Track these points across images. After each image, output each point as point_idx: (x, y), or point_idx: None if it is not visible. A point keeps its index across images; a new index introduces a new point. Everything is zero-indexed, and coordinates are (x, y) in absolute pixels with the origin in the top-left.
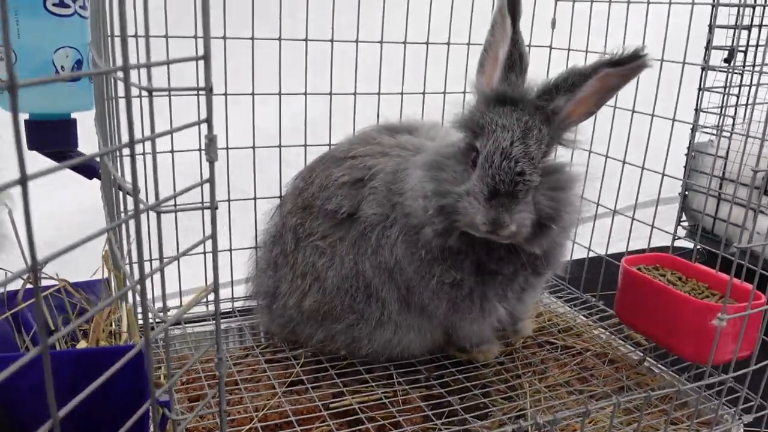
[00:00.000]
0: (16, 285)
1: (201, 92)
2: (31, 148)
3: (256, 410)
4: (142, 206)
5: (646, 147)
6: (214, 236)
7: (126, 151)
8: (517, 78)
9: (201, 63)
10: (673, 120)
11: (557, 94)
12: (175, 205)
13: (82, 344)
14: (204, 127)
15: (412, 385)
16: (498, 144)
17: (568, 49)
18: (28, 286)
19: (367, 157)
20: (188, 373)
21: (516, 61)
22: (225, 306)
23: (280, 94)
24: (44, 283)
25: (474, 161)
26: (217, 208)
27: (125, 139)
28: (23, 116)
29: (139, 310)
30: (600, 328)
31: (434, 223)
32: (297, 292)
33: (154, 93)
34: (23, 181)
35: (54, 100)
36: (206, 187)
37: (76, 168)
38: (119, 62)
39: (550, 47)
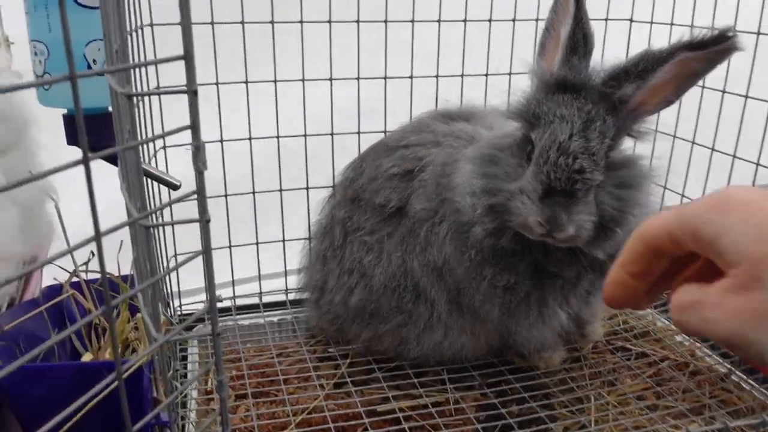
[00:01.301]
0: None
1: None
2: (70, 143)
3: (296, 413)
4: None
5: (738, 132)
6: (207, 251)
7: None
8: (581, 61)
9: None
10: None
11: (626, 81)
12: (171, 219)
13: (86, 357)
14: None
15: (465, 392)
16: (555, 137)
17: (651, 22)
18: (74, 279)
19: (419, 146)
20: (238, 368)
21: (579, 41)
22: (277, 297)
23: (331, 79)
24: (91, 276)
25: (529, 155)
26: (208, 221)
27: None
28: (61, 111)
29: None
30: (683, 335)
31: (484, 223)
32: (343, 289)
33: (135, 97)
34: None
35: (90, 94)
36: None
37: (114, 161)
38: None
39: (630, 20)
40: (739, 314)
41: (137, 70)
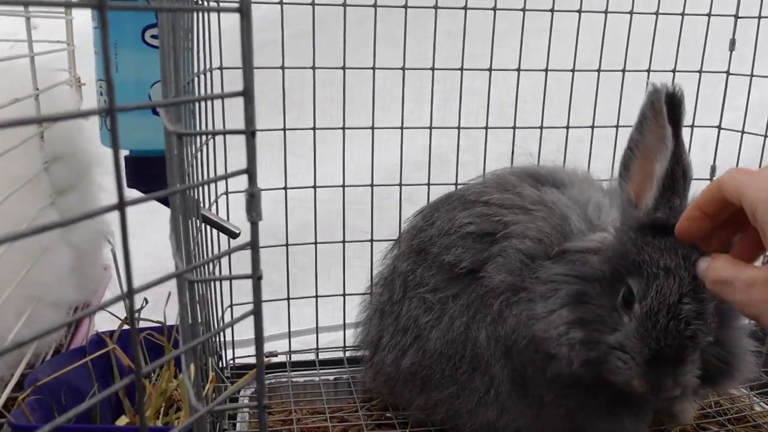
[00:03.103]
0: (113, 325)
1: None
2: (130, 185)
3: None
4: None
5: None
6: (257, 311)
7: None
8: (681, 201)
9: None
10: None
11: None
12: (227, 271)
13: (122, 420)
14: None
15: None
16: (663, 298)
17: (751, 75)
18: (125, 327)
19: (504, 209)
20: (290, 431)
21: (678, 179)
22: (335, 355)
23: (402, 127)
24: (141, 324)
25: (626, 302)
26: (260, 278)
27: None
28: (123, 153)
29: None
30: None
31: (575, 372)
32: (396, 349)
33: (185, 137)
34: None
35: (154, 136)
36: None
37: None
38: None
39: (728, 73)
40: (762, 304)
41: (203, 114)
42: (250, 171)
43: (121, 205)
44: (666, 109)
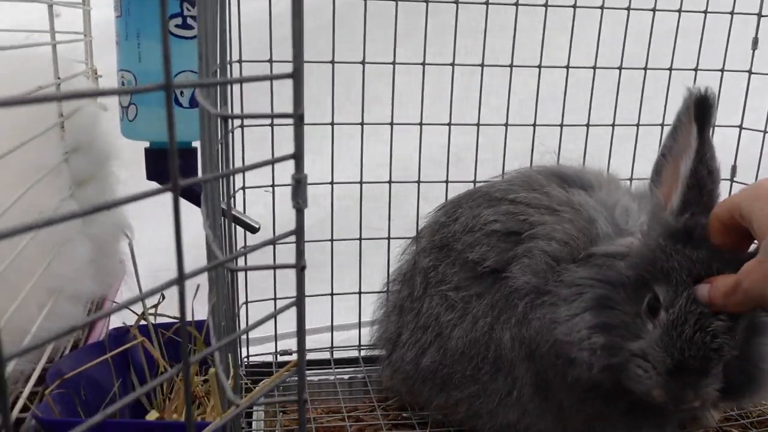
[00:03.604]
0: (130, 320)
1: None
2: (149, 178)
3: None
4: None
5: None
6: (300, 301)
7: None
8: (708, 201)
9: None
10: None
11: None
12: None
13: (152, 415)
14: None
15: None
16: (692, 308)
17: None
18: (142, 322)
19: (531, 208)
20: (318, 430)
21: (703, 179)
22: (350, 353)
23: (421, 124)
24: (159, 320)
25: (651, 310)
26: (304, 267)
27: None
28: (144, 144)
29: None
30: None
31: (596, 376)
32: (416, 346)
33: (234, 120)
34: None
35: (176, 127)
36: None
37: (190, 197)
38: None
39: (750, 72)
40: (764, 279)
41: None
42: (297, 156)
43: (175, 187)
44: (693, 108)
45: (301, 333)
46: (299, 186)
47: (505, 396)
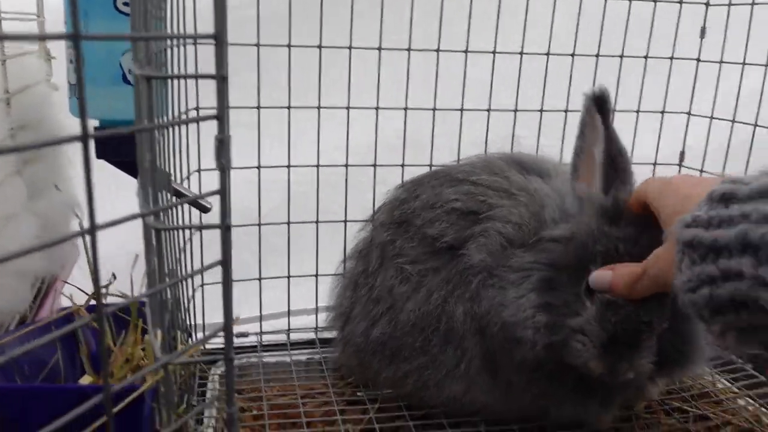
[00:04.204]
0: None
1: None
2: (99, 156)
3: None
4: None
5: None
6: (226, 262)
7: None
8: (625, 180)
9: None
10: None
11: None
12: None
13: (85, 379)
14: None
15: None
16: None
17: (720, 62)
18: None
19: (490, 190)
20: (259, 407)
21: (616, 158)
22: (307, 336)
23: (377, 108)
24: (109, 300)
25: (590, 290)
26: (229, 227)
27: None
28: (93, 123)
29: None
30: (747, 398)
31: (539, 354)
32: (367, 318)
33: (152, 78)
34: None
35: (124, 105)
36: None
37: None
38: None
39: (698, 60)
40: (667, 266)
41: (176, 91)
42: (220, 116)
43: (85, 137)
44: (594, 103)
45: (227, 294)
46: (222, 146)
47: (453, 368)
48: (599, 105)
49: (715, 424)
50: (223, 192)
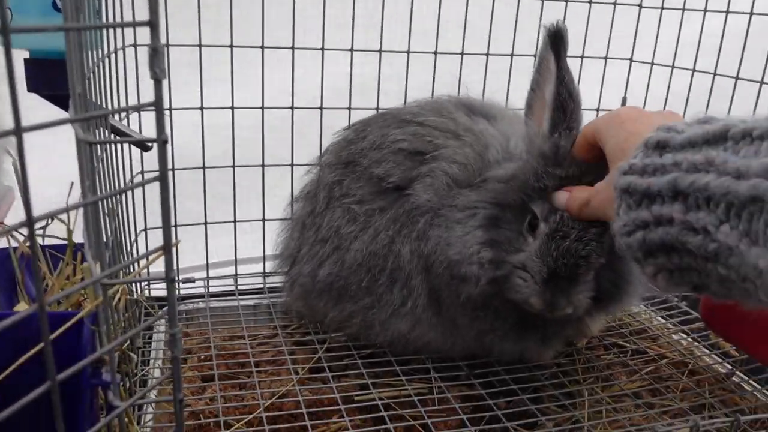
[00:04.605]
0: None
1: None
2: (30, 89)
3: (266, 397)
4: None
5: None
6: (164, 178)
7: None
8: (573, 122)
9: None
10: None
11: None
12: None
13: (21, 306)
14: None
15: (450, 382)
16: (564, 221)
17: (661, 8)
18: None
19: (437, 131)
20: (207, 350)
21: (565, 100)
22: (255, 281)
23: (323, 48)
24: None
25: (531, 225)
26: (165, 141)
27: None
28: (23, 54)
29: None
30: (681, 333)
31: (483, 290)
32: (314, 259)
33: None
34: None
35: (56, 35)
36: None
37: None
38: None
39: (640, 6)
40: (607, 201)
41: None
42: (153, 23)
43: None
44: (549, 40)
45: (165, 210)
46: (156, 54)
47: (399, 306)
48: (553, 42)
49: (651, 357)
50: (159, 104)
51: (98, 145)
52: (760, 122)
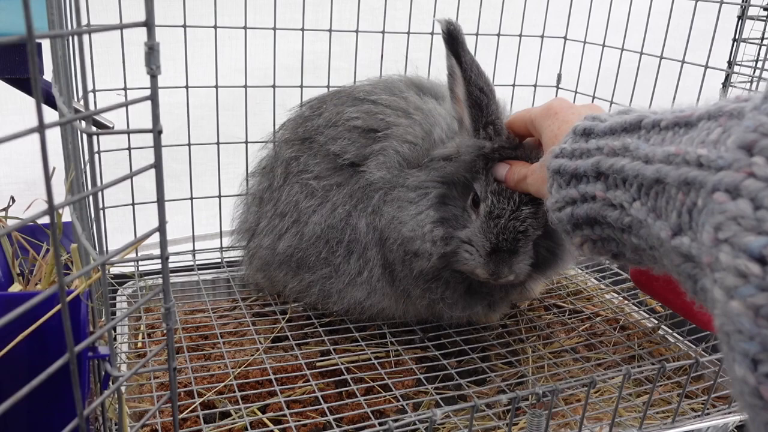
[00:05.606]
0: None
1: None
2: None
3: (234, 366)
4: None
5: (674, 99)
6: (158, 165)
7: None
8: (493, 116)
9: None
10: (706, 67)
11: None
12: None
13: (15, 287)
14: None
15: (406, 345)
16: (503, 203)
17: (584, 42)
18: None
19: (389, 109)
20: (184, 323)
21: (479, 98)
22: (213, 256)
23: (275, 28)
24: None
25: (474, 202)
26: (160, 132)
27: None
28: None
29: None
30: (612, 293)
31: (435, 264)
32: (274, 232)
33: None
34: None
35: (17, 18)
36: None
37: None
38: None
39: (565, 38)
40: (541, 180)
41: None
42: (149, 23)
43: None
44: (445, 44)
45: (160, 195)
46: (152, 52)
47: (356, 276)
48: (450, 44)
49: (587, 316)
50: (154, 97)
51: (66, 128)
52: (667, 115)
